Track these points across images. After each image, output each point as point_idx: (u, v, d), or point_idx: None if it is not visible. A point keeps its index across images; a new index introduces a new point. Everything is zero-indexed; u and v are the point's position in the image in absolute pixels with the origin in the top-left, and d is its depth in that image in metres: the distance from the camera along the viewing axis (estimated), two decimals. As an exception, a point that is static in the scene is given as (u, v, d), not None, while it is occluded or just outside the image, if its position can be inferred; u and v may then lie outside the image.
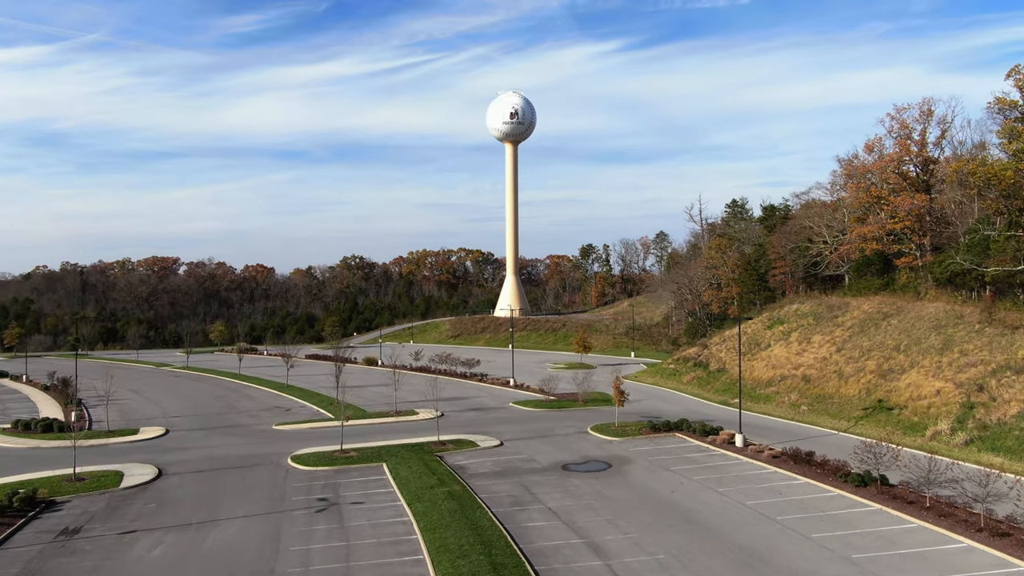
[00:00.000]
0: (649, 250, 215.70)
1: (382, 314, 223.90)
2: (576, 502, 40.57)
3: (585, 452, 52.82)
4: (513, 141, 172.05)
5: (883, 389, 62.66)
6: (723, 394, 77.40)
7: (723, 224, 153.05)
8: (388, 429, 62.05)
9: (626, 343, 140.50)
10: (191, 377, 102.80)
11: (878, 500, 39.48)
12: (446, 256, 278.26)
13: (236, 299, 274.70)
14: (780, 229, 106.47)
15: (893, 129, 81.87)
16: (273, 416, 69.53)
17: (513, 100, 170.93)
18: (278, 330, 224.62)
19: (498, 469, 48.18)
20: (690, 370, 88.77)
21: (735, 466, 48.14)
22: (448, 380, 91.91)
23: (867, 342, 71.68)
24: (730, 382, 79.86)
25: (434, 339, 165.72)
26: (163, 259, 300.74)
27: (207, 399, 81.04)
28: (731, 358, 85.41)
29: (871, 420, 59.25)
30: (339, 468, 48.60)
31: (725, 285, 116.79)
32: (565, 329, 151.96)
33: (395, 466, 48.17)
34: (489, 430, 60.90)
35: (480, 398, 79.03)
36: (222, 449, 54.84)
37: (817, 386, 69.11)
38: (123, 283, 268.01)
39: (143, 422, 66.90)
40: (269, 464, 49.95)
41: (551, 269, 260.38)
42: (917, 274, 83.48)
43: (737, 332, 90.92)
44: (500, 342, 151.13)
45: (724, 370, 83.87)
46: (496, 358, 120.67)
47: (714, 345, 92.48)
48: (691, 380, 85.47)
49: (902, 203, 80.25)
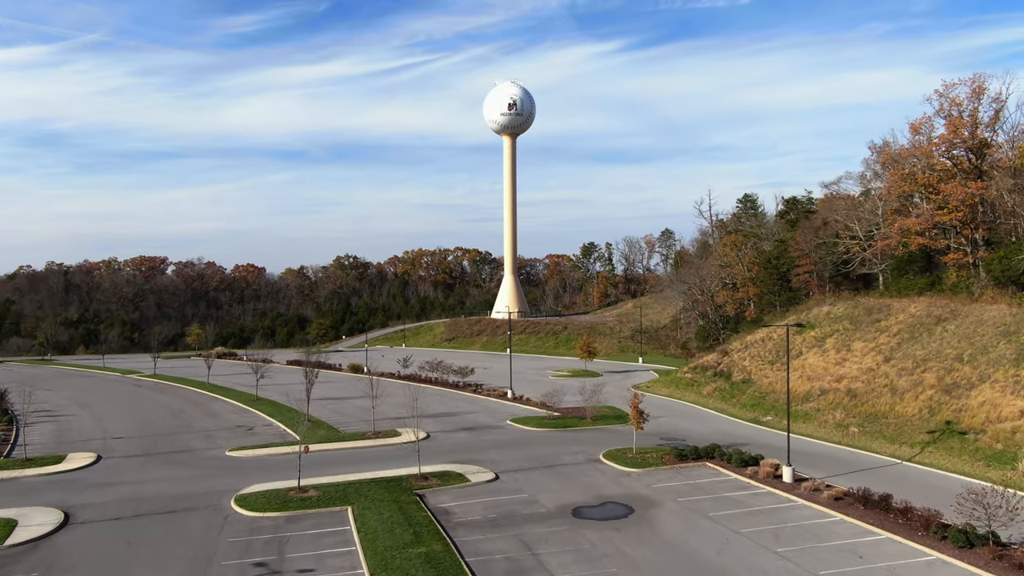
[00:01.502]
0: (654, 248, 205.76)
1: (376, 315, 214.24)
2: (593, 571, 30.78)
3: (599, 489, 43.04)
4: (511, 134, 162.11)
5: (950, 408, 52.86)
6: (752, 409, 67.57)
7: (734, 220, 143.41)
8: (362, 456, 52.20)
9: (633, 347, 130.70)
10: (155, 387, 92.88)
11: (995, 571, 29.72)
12: (442, 256, 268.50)
13: (225, 300, 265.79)
14: (803, 224, 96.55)
15: (943, 108, 72.06)
16: (232, 438, 59.67)
17: (511, 91, 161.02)
18: (268, 332, 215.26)
19: (492, 515, 38.36)
20: (710, 380, 78.91)
21: (791, 511, 38.34)
22: (438, 391, 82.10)
23: (920, 350, 61.91)
24: (758, 395, 70.06)
25: (428, 342, 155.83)
26: (151, 259, 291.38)
27: (162, 415, 71.16)
28: (757, 368, 75.57)
29: (940, 447, 49.43)
30: (291, 514, 38.73)
31: (741, 285, 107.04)
32: (567, 332, 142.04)
33: (362, 511, 38.34)
34: (482, 457, 51.11)
35: (474, 414, 69.17)
36: (156, 485, 44.97)
37: (866, 402, 59.27)
38: (108, 283, 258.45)
39: (77, 445, 57.04)
40: (206, 508, 40.07)
41: (550, 269, 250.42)
42: (969, 272, 73.75)
43: (763, 338, 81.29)
44: (497, 346, 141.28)
45: (750, 381, 74.01)
46: (493, 364, 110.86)
47: (735, 352, 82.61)
48: (712, 392, 75.59)
49: (953, 191, 70.43)
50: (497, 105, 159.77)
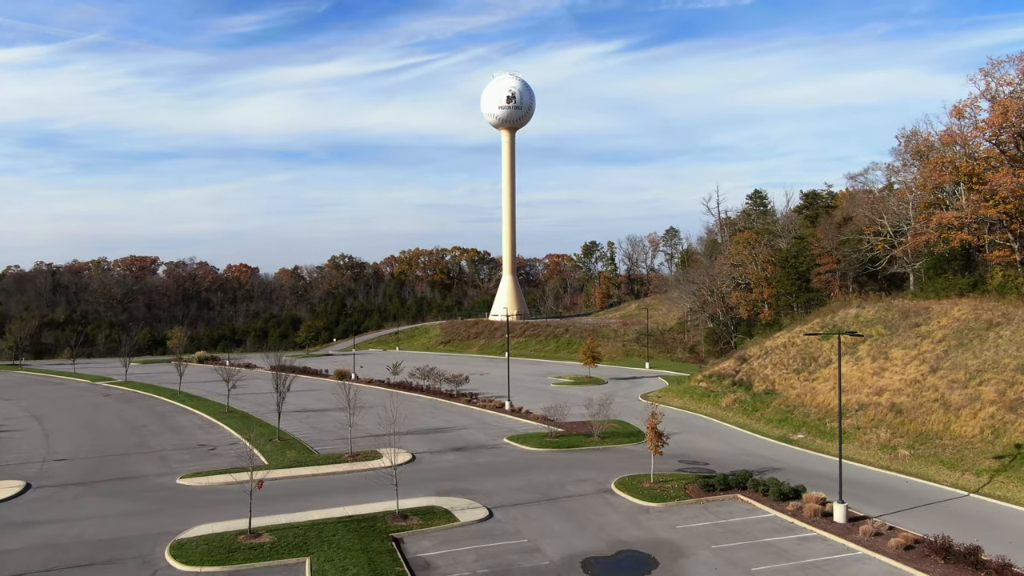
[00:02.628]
0: (658, 248, 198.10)
1: (371, 317, 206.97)
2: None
3: (614, 532, 35.72)
4: (510, 128, 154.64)
5: (1018, 429, 45.54)
6: (779, 425, 60.24)
7: (744, 217, 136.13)
8: (334, 485, 44.87)
9: (638, 351, 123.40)
10: (122, 396, 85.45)
11: None
12: (440, 255, 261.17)
13: (217, 301, 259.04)
14: (824, 219, 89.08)
15: (989, 88, 64.76)
16: (189, 460, 52.32)
17: (510, 83, 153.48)
18: (260, 334, 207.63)
19: (483, 571, 31.05)
20: (728, 390, 71.57)
21: (852, 566, 31.02)
22: (430, 402, 74.80)
23: (972, 360, 54.58)
24: (784, 409, 62.71)
25: (423, 345, 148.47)
26: (141, 259, 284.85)
27: (120, 431, 63.78)
28: (781, 377, 68.23)
29: (1013, 475, 42.13)
30: (235, 569, 31.42)
31: (755, 285, 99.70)
32: (568, 335, 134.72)
33: (322, 566, 31.03)
34: (474, 487, 43.80)
35: (467, 430, 61.77)
36: (83, 526, 37.60)
37: (914, 420, 51.92)
38: (97, 284, 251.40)
39: (8, 470, 49.67)
40: (133, 560, 32.70)
41: (550, 269, 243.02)
42: (1016, 271, 66.54)
43: (784, 343, 73.89)
44: (495, 349, 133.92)
45: (774, 392, 66.65)
46: (490, 369, 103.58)
47: (755, 359, 75.25)
48: (732, 404, 68.25)
49: (1002, 182, 63.12)
50: (495, 98, 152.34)
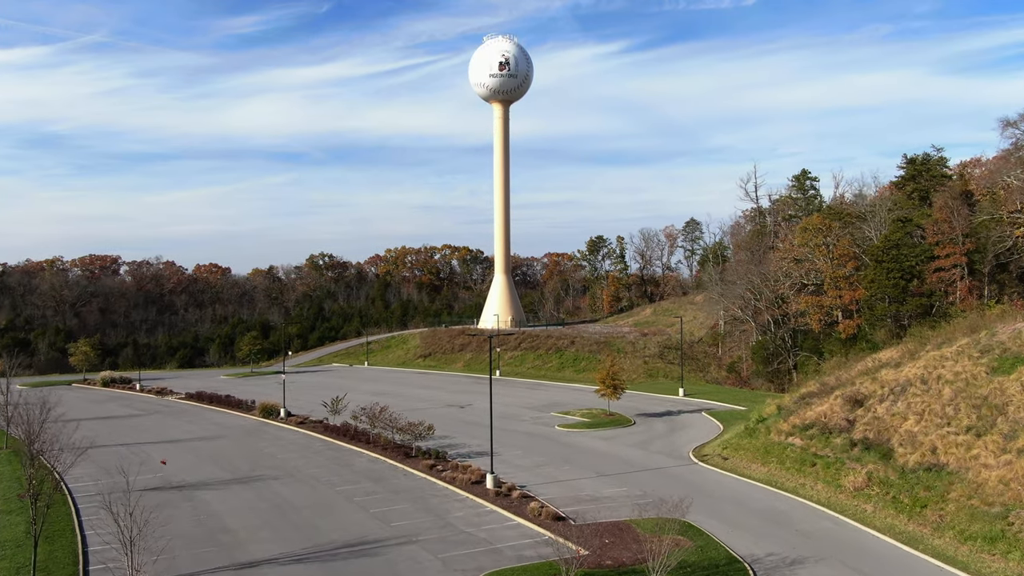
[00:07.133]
0: (676, 243, 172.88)
1: (351, 322, 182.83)
2: None
3: None
4: (503, 100, 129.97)
5: None
6: (989, 544, 33.49)
7: (790, 203, 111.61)
8: None
9: (663, 369, 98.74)
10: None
11: None
12: (428, 254, 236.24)
13: (181, 304, 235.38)
14: (944, 195, 63.64)
15: None
16: None
17: (503, 46, 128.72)
18: (226, 341, 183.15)
19: None
20: (845, 456, 44.13)
21: None
22: (370, 463, 49.84)
23: None
24: (972, 504, 36.25)
25: (398, 360, 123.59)
26: (101, 258, 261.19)
27: None
28: (943, 440, 40.84)
29: None
30: None
31: (830, 287, 74.78)
32: (574, 348, 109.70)
33: None
34: None
35: (410, 546, 35.77)
36: None
37: None
38: (47, 286, 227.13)
39: None
40: None
41: (549, 269, 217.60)
42: None
43: (922, 375, 48.74)
44: (484, 366, 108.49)
45: (941, 469, 39.36)
46: (476, 397, 78.64)
47: (876, 401, 48.14)
48: (864, 488, 41.13)
49: None
50: (485, 65, 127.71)
